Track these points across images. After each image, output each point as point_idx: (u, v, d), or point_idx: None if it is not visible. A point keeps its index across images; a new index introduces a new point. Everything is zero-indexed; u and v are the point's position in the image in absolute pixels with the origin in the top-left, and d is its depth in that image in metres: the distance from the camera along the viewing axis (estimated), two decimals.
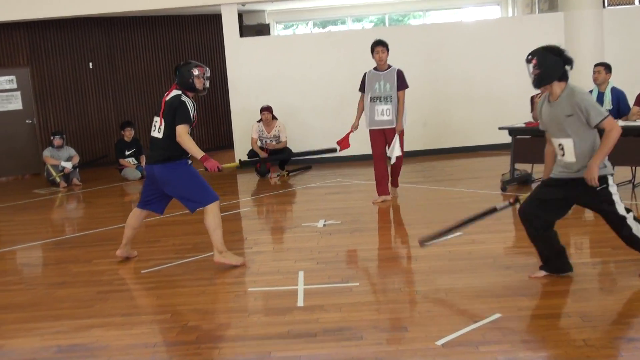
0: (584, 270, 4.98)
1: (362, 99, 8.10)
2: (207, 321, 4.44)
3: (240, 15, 13.74)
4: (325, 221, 7.16)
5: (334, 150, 6.56)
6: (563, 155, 4.66)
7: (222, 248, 5.72)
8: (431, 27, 13.60)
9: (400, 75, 7.93)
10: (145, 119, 14.57)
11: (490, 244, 5.80)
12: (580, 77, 10.48)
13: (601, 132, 4.59)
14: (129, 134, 12.07)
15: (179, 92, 5.65)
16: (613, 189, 4.63)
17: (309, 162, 11.72)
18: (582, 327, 3.91)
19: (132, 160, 11.97)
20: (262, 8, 14.99)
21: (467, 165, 10.64)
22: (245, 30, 13.72)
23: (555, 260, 4.85)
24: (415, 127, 12.08)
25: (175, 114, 5.53)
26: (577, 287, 4.61)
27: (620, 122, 7.48)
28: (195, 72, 5.64)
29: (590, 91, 8.00)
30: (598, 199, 4.62)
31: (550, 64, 4.61)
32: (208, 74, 5.78)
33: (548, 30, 11.82)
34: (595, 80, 7.94)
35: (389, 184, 8.20)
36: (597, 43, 11.39)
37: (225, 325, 4.36)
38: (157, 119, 5.70)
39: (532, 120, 8.36)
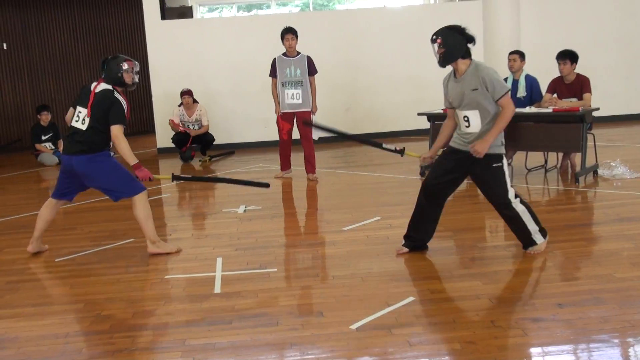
0: (496, 253, 5.13)
1: (274, 84, 8.53)
2: (122, 310, 4.36)
3: None
4: (246, 207, 7.14)
5: (266, 185, 6.22)
6: (468, 126, 4.87)
7: (155, 238, 5.59)
8: (356, 12, 13.67)
9: (310, 61, 8.49)
10: (62, 102, 14.17)
11: (405, 228, 5.88)
12: (498, 64, 10.75)
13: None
14: (45, 118, 11.70)
15: (109, 86, 5.47)
16: (505, 169, 4.88)
17: (231, 147, 11.64)
18: (491, 309, 4.03)
19: (49, 145, 11.63)
20: None
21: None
22: (168, 12, 13.46)
23: (424, 238, 5.21)
24: (338, 112, 12.18)
25: (106, 111, 5.36)
26: (488, 269, 4.75)
27: (533, 109, 7.72)
28: (125, 66, 5.49)
29: (506, 79, 8.20)
30: (490, 174, 4.87)
31: (454, 43, 4.81)
32: (137, 68, 5.63)
33: (468, 18, 12.04)
34: (510, 68, 8.15)
35: (306, 171, 8.61)
36: (514, 31, 11.67)
37: (140, 314, 4.30)
38: (82, 109, 5.47)
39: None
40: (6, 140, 13.23)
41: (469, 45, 4.85)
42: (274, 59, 8.50)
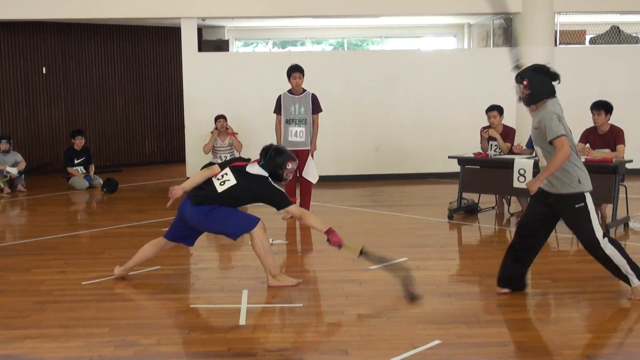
0: (523, 301, 5.07)
1: (278, 121, 8.49)
2: (146, 336, 4.37)
3: (200, 30, 13.72)
4: (273, 240, 7.13)
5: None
6: (538, 160, 5.01)
7: (276, 272, 5.50)
8: (388, 53, 13.80)
9: (315, 99, 8.43)
10: (96, 128, 14.39)
11: (433, 271, 5.86)
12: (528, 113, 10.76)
13: None
14: (79, 142, 11.88)
15: (265, 174, 5.43)
16: (590, 208, 4.86)
17: None
18: (518, 357, 3.98)
19: (80, 169, 11.78)
20: (222, 24, 14.97)
21: (417, 192, 10.76)
22: (205, 45, 13.68)
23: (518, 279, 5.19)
24: (368, 151, 12.20)
25: (267, 197, 5.43)
26: (515, 316, 4.69)
27: None
28: (289, 165, 5.49)
29: None
30: (572, 216, 4.89)
31: (540, 84, 4.87)
32: (295, 168, 5.69)
33: (501, 64, 12.08)
34: None
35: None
36: None
37: (164, 341, 4.30)
38: (229, 173, 5.46)
39: (480, 151, 8.52)
40: (40, 162, 13.43)
41: (554, 84, 4.91)
42: (279, 96, 8.50)
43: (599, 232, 4.85)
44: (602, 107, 7.71)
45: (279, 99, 8.50)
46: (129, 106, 14.98)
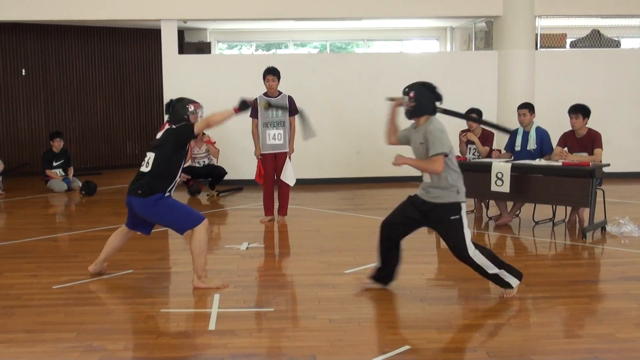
0: (496, 305, 5.05)
1: (255, 125, 8.35)
2: (113, 341, 4.31)
3: (181, 32, 13.65)
4: (249, 244, 7.09)
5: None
6: (422, 174, 5.10)
7: (202, 274, 5.51)
8: (372, 56, 13.76)
9: (291, 101, 8.32)
10: (76, 130, 14.27)
11: (409, 275, 5.82)
12: (510, 114, 10.76)
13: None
14: (57, 144, 11.78)
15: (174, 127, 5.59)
16: (463, 220, 4.99)
17: (240, 184, 11.66)
18: None
19: (59, 171, 11.67)
20: (204, 26, 14.90)
21: (398, 195, 10.59)
22: (186, 47, 13.62)
23: (390, 272, 5.37)
24: (349, 154, 12.18)
25: (175, 139, 5.52)
26: (487, 322, 4.67)
27: (543, 162, 7.68)
28: (191, 108, 5.62)
29: (516, 130, 8.19)
30: (446, 227, 5.02)
31: (425, 100, 5.08)
32: (202, 111, 5.74)
33: (483, 67, 12.12)
34: (521, 122, 8.13)
35: (277, 213, 8.51)
36: (528, 82, 11.73)
37: (131, 347, 4.25)
38: (149, 154, 5.58)
39: (459, 154, 8.51)
40: (18, 164, 13.30)
41: (437, 103, 5.11)
42: (255, 99, 8.06)
43: (470, 247, 4.96)
44: (580, 111, 7.73)
45: (255, 103, 8.31)
46: (110, 108, 14.86)
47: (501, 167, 7.59)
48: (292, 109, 8.22)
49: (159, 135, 5.67)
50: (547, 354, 4.09)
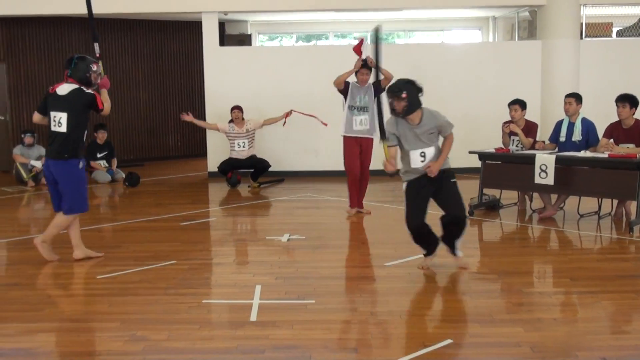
0: (540, 300, 4.97)
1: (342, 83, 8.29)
2: (156, 332, 4.35)
3: (222, 25, 13.72)
4: (290, 235, 7.11)
5: None
6: (423, 160, 5.54)
7: (48, 239, 6.19)
8: (413, 47, 13.64)
9: (376, 86, 8.03)
10: (120, 122, 14.47)
11: (451, 268, 5.77)
12: (555, 105, 10.61)
13: None
14: (102, 136, 11.96)
15: (76, 85, 5.98)
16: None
17: (281, 175, 11.69)
18: (532, 358, 3.89)
19: (103, 163, 11.86)
20: (244, 18, 14.95)
21: None
22: (227, 39, 13.68)
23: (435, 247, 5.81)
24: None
25: (87, 107, 5.97)
26: (531, 316, 4.59)
27: (588, 153, 7.53)
28: (94, 67, 6.04)
29: (561, 121, 8.04)
30: (450, 188, 5.63)
31: (415, 95, 5.44)
32: (101, 69, 6.13)
33: (526, 57, 11.93)
34: (566, 111, 7.97)
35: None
36: (572, 73, 11.51)
37: (174, 337, 4.28)
38: (58, 114, 5.95)
39: (502, 146, 8.40)
40: None
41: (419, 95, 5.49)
42: (349, 83, 8.34)
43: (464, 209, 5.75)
44: (628, 100, 7.55)
45: (347, 85, 8.31)
46: (152, 100, 15.04)
47: (545, 159, 7.47)
48: (378, 92, 7.89)
49: (61, 92, 5.97)
50: (593, 349, 4.01)
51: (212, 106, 12.07)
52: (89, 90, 6.00)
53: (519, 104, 8.26)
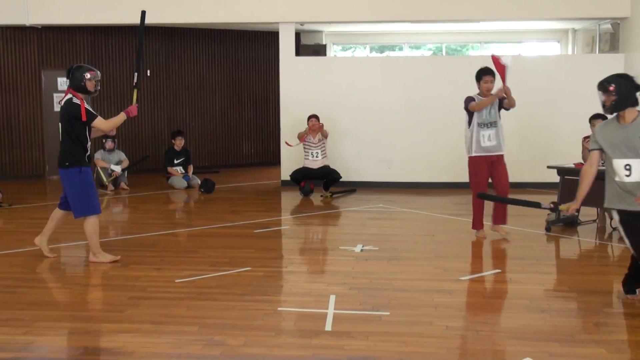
0: (624, 321, 4.82)
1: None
2: (233, 337, 4.43)
3: (297, 35, 13.87)
4: (363, 246, 7.11)
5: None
6: (629, 175, 4.88)
7: (96, 250, 6.47)
8: (488, 59, 13.45)
9: (500, 101, 7.67)
10: (196, 129, 14.80)
11: (527, 285, 5.67)
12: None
13: None
14: (179, 142, 12.24)
15: (70, 96, 6.27)
16: None
17: (353, 185, 11.71)
18: None
19: (179, 169, 12.13)
20: (320, 29, 15.09)
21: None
22: (302, 49, 13.82)
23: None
24: (464, 158, 11.95)
25: (73, 118, 6.20)
26: (614, 337, 4.46)
27: None
28: (87, 75, 6.24)
29: None
30: None
31: (626, 91, 4.92)
32: (98, 77, 6.32)
33: (607, 71, 11.56)
34: None
35: (493, 222, 7.75)
36: None
37: (250, 343, 4.34)
38: (59, 124, 6.43)
39: (582, 161, 8.20)
40: (142, 162, 13.93)
41: (637, 94, 4.93)
42: (472, 97, 7.61)
43: None
44: None
45: (468, 99, 7.61)
46: (228, 108, 15.32)
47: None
48: (501, 105, 7.68)
49: (62, 103, 6.31)
50: None
51: (287, 115, 12.21)
52: (76, 101, 6.23)
53: (601, 119, 8.05)
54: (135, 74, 6.81)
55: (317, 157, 11.11)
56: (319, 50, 13.91)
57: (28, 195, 11.25)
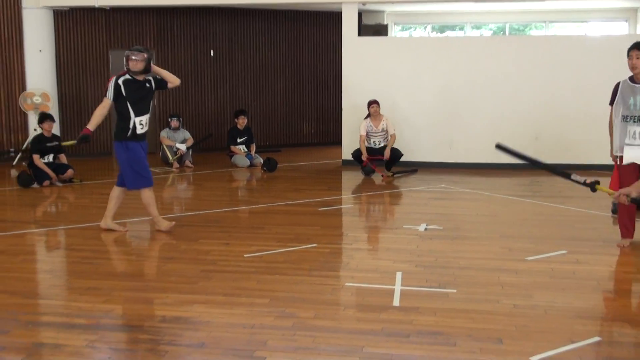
0: None
1: (611, 115, 6.45)
2: (304, 310, 4.55)
3: (359, 15, 13.87)
4: (427, 225, 7.16)
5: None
6: None
7: (158, 219, 6.97)
8: (552, 39, 13.24)
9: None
10: (258, 108, 15.01)
11: (594, 265, 5.64)
12: None
13: None
14: (242, 121, 12.44)
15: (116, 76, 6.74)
16: None
17: (414, 165, 11.72)
18: None
19: (242, 147, 12.33)
20: (381, 9, 15.05)
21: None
22: (364, 29, 13.83)
23: None
24: (527, 140, 11.85)
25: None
26: None
27: None
28: (132, 56, 6.60)
29: None
30: None
31: None
32: (134, 55, 6.59)
33: None
34: None
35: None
36: None
37: (321, 316, 4.45)
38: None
39: None
40: (205, 141, 14.20)
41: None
42: (618, 83, 6.26)
43: None
44: None
45: (616, 88, 6.30)
46: (289, 88, 15.47)
47: None
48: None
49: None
50: None
51: (349, 96, 12.27)
52: (112, 80, 6.66)
53: None
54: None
55: (379, 144, 11.17)
56: (380, 30, 13.90)
57: (97, 172, 11.64)
